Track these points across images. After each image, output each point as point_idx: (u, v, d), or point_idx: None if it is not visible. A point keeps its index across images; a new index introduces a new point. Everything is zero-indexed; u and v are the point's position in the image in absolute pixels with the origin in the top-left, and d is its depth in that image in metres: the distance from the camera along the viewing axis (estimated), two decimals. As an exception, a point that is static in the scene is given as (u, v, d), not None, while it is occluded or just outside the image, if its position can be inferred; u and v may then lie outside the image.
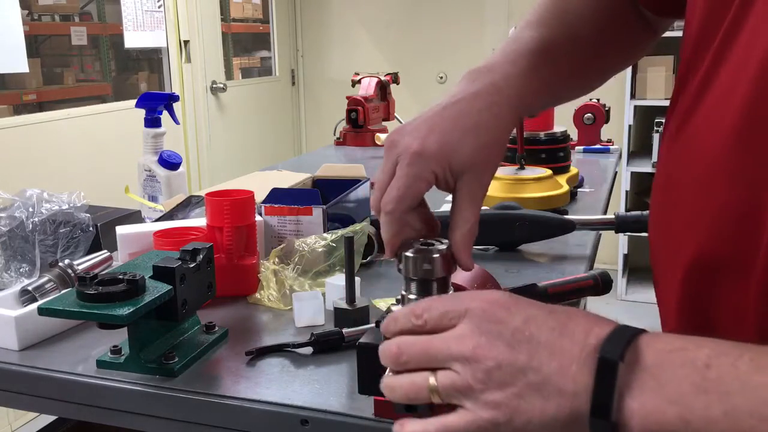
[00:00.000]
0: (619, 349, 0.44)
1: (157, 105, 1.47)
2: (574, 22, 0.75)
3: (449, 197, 0.63)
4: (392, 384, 0.51)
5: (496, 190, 1.38)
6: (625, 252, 3.72)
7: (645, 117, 3.73)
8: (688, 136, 0.57)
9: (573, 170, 1.65)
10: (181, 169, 1.47)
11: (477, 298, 0.50)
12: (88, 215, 1.20)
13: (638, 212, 1.24)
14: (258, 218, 1.10)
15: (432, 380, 0.48)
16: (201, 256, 0.85)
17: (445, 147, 0.61)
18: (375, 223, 1.16)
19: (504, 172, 1.42)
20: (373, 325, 0.59)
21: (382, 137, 2.29)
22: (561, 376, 0.45)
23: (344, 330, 0.86)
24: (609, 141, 2.27)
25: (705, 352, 0.43)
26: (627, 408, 0.43)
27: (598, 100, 2.24)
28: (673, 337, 0.46)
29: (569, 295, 0.94)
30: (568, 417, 0.45)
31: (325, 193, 1.27)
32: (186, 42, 3.51)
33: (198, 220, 1.13)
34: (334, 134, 2.52)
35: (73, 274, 0.99)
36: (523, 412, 0.46)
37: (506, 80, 0.67)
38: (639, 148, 3.91)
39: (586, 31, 0.75)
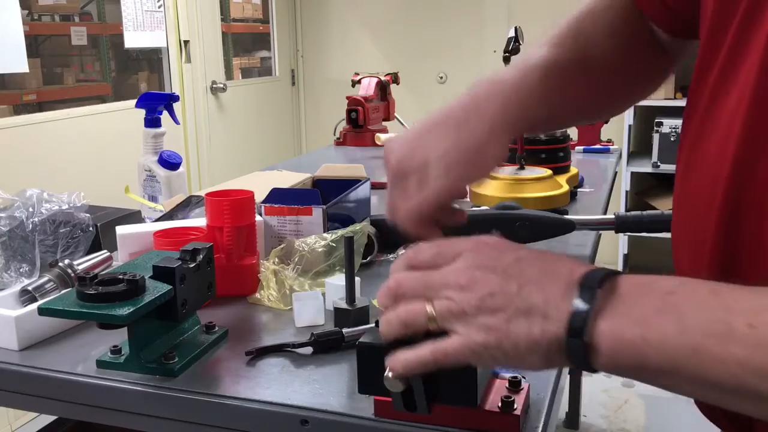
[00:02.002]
0: (597, 279, 0.49)
1: (157, 105, 1.48)
2: (588, 44, 0.75)
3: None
4: (389, 316, 0.55)
5: (496, 190, 1.38)
6: (625, 252, 3.72)
7: (645, 117, 3.73)
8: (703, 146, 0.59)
9: (573, 170, 1.65)
10: (181, 169, 1.47)
11: (470, 240, 0.55)
12: (88, 215, 1.20)
13: (638, 212, 1.24)
14: (258, 218, 1.10)
15: (429, 308, 0.52)
16: (201, 256, 0.85)
17: (450, 172, 0.66)
18: (375, 223, 1.16)
19: (504, 172, 1.42)
20: (373, 325, 0.59)
21: (382, 137, 2.29)
22: (546, 304, 0.49)
23: (344, 330, 0.86)
24: (609, 141, 2.27)
25: (672, 282, 0.48)
26: (598, 329, 0.48)
27: (598, 100, 2.23)
28: (651, 275, 0.50)
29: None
30: (549, 341, 0.49)
31: (325, 193, 1.27)
32: (186, 42, 3.50)
33: (198, 220, 1.13)
34: (334, 134, 2.52)
35: (73, 274, 0.99)
36: (511, 335, 0.50)
37: (510, 96, 0.69)
38: (639, 148, 3.91)
39: (600, 53, 0.75)
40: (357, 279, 0.97)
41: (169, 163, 1.44)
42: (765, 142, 0.52)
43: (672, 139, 3.42)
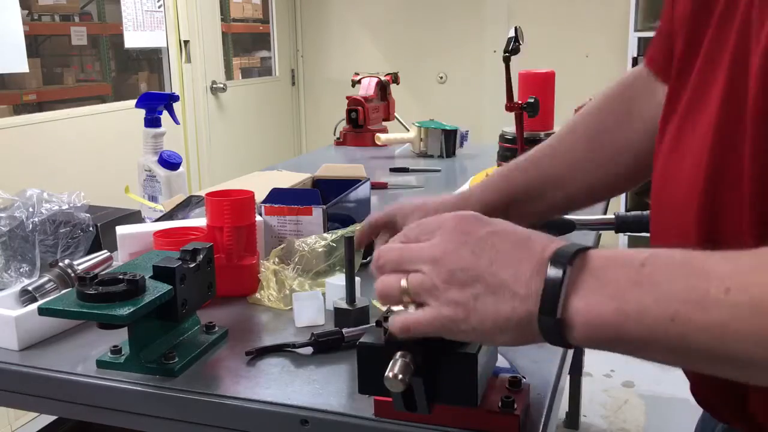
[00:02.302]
0: (567, 256, 0.49)
1: (157, 105, 1.48)
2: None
3: (465, 186, 0.67)
4: (377, 285, 0.56)
5: (496, 190, 1.37)
6: (625, 252, 3.72)
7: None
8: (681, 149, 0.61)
9: (573, 170, 1.65)
10: (181, 169, 1.47)
11: (451, 215, 0.56)
12: (88, 215, 1.20)
13: (638, 212, 1.24)
14: (258, 218, 1.10)
15: (403, 282, 0.54)
16: (201, 256, 0.85)
17: None
18: (375, 223, 1.16)
19: (504, 172, 1.42)
20: (373, 324, 0.59)
21: (382, 137, 2.29)
22: (516, 282, 0.50)
23: (344, 330, 0.86)
24: (609, 141, 2.26)
25: (644, 254, 0.48)
26: (572, 306, 0.48)
27: (598, 100, 2.23)
28: (621, 249, 0.51)
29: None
30: (520, 318, 0.49)
31: (325, 193, 1.27)
32: (186, 42, 3.50)
33: (198, 220, 1.13)
34: (334, 134, 2.52)
35: (73, 274, 0.99)
36: (479, 311, 0.50)
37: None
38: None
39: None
40: (357, 279, 0.97)
41: (169, 163, 1.44)
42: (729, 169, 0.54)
43: (672, 139, 3.42)
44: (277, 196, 1.19)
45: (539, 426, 0.69)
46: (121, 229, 1.09)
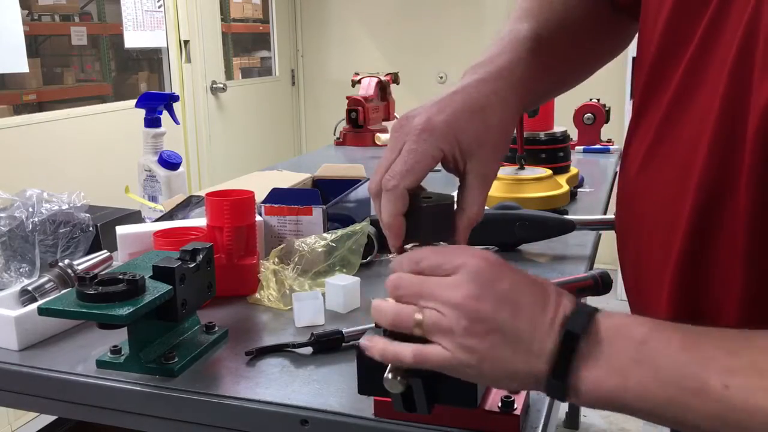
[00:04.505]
0: (582, 323, 0.51)
1: (157, 105, 1.47)
2: (562, 10, 0.77)
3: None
4: (383, 307, 0.56)
5: (496, 190, 1.38)
6: (625, 252, 3.72)
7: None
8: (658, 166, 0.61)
9: (573, 170, 1.65)
10: (181, 169, 1.47)
11: (473, 254, 0.55)
12: (88, 215, 1.20)
13: (638, 212, 1.24)
14: (258, 218, 1.10)
15: (418, 315, 0.53)
16: (201, 256, 0.85)
17: (453, 125, 0.61)
18: (375, 223, 1.16)
19: (504, 172, 1.42)
20: (372, 325, 0.59)
21: (382, 137, 2.29)
22: (532, 339, 0.51)
23: (344, 330, 0.86)
24: (609, 141, 2.26)
25: (643, 329, 0.50)
26: (580, 374, 0.50)
27: (598, 100, 2.23)
28: (622, 315, 0.52)
29: (569, 295, 0.94)
30: (528, 374, 0.51)
31: (325, 193, 1.27)
32: (186, 42, 3.50)
33: (198, 220, 1.13)
34: (334, 134, 2.52)
35: (73, 274, 0.99)
36: (492, 360, 0.51)
37: (509, 66, 0.68)
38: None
39: (575, 15, 0.77)
40: (357, 279, 0.97)
41: (169, 163, 1.44)
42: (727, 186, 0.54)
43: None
44: (277, 196, 1.18)
45: (539, 426, 0.69)
46: (121, 229, 1.09)
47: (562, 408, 2.57)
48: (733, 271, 0.54)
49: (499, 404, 0.67)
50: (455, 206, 0.63)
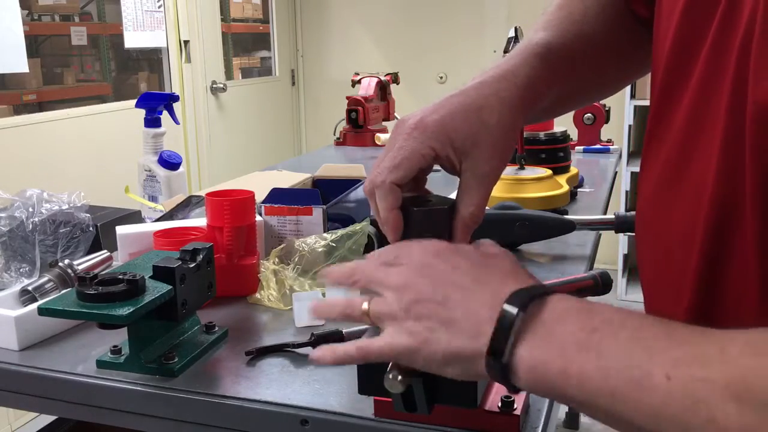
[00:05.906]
0: (522, 301, 0.49)
1: (157, 105, 1.47)
2: (580, 21, 0.75)
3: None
4: (332, 301, 0.58)
5: (496, 190, 1.37)
6: (625, 252, 3.72)
7: (645, 117, 3.73)
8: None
9: (573, 170, 1.65)
10: (181, 169, 1.47)
11: (421, 244, 0.57)
12: (88, 215, 1.20)
13: (638, 212, 1.24)
14: (258, 218, 1.10)
15: (365, 305, 0.55)
16: (201, 256, 0.85)
17: (445, 124, 0.61)
18: (375, 223, 1.16)
19: (504, 172, 1.41)
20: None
21: (382, 137, 2.29)
22: (469, 319, 0.50)
23: (344, 330, 0.86)
24: (609, 141, 2.27)
25: (599, 318, 0.47)
26: (518, 354, 0.48)
27: (598, 100, 2.23)
28: (581, 301, 0.50)
29: (569, 295, 0.94)
30: (468, 355, 0.50)
31: (325, 193, 1.27)
32: (186, 42, 3.51)
33: (198, 220, 1.13)
34: (334, 134, 2.52)
35: (73, 274, 0.99)
36: (431, 343, 0.51)
37: (514, 69, 0.67)
38: (639, 148, 3.91)
39: (591, 31, 0.75)
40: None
41: (169, 163, 1.44)
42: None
43: (672, 139, 3.42)
44: (277, 196, 1.18)
45: (539, 426, 0.69)
46: (121, 229, 1.09)
47: (563, 408, 2.57)
48: (748, 293, 0.51)
49: (499, 404, 0.67)
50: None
